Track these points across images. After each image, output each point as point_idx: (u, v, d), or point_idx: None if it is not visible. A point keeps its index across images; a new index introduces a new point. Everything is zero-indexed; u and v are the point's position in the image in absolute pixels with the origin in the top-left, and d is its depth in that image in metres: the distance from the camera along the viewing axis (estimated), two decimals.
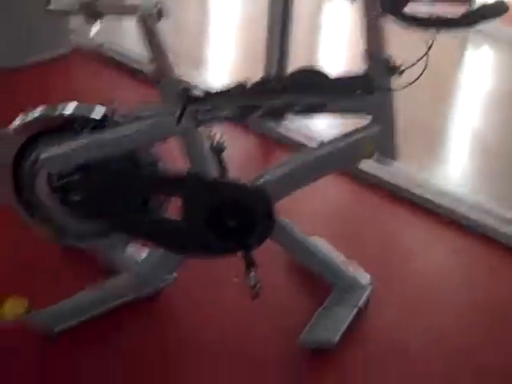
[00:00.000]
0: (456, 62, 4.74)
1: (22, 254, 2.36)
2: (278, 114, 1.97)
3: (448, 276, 2.47)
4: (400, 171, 2.89)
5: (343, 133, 2.00)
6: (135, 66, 3.68)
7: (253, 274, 2.00)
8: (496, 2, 1.63)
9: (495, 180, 3.18)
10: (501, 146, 3.49)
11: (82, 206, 2.00)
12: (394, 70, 1.85)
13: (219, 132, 1.99)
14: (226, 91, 1.91)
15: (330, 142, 2.02)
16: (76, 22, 3.78)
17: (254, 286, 2.00)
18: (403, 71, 1.84)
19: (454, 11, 1.65)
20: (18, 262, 2.34)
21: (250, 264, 2.01)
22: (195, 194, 2.00)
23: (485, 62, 4.90)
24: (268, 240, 2.04)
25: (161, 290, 2.23)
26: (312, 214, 2.71)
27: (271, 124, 3.23)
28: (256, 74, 3.01)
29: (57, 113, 1.96)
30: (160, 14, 1.78)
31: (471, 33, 4.53)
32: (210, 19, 5.36)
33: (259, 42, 3.23)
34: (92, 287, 2.16)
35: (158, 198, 2.07)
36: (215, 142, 1.99)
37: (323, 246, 2.35)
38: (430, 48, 1.77)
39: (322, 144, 2.04)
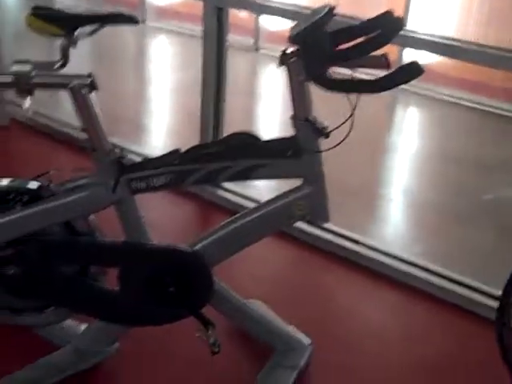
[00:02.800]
0: (385, 120, 4.97)
1: None
2: (212, 180, 2.00)
3: (387, 334, 2.52)
4: (334, 231, 2.98)
5: (276, 195, 2.04)
6: (71, 135, 3.73)
7: (211, 331, 2.00)
8: (411, 64, 1.68)
9: (428, 235, 3.32)
10: (430, 202, 3.66)
11: (17, 280, 1.98)
12: (320, 132, 1.89)
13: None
14: (159, 158, 1.94)
15: (263, 205, 2.06)
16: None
17: (214, 343, 2.00)
18: (329, 133, 1.89)
19: (375, 74, 1.72)
20: None
21: (206, 323, 2.01)
22: (132, 262, 2.01)
23: (412, 120, 5.16)
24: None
25: (102, 362, 2.19)
26: (249, 276, 2.74)
27: (210, 187, 3.30)
28: (193, 139, 3.11)
29: None
30: (92, 86, 1.83)
31: (399, 91, 4.76)
32: (146, 86, 5.51)
33: (195, 107, 3.31)
34: (31, 364, 2.12)
35: (96, 268, 2.06)
36: None
37: (261, 308, 2.39)
38: (354, 110, 1.83)
39: (255, 208, 2.10)
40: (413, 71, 1.71)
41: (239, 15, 4.72)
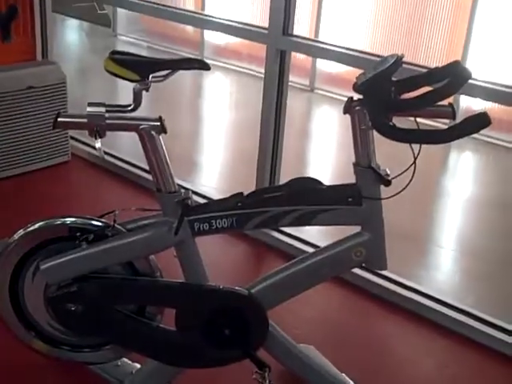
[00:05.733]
0: (440, 165, 4.91)
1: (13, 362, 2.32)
2: (273, 224, 2.00)
3: None
4: (390, 277, 2.94)
5: (334, 241, 2.04)
6: (136, 175, 3.76)
7: (267, 374, 2.00)
8: (478, 115, 1.67)
9: (483, 284, 3.25)
10: (487, 251, 3.59)
11: (78, 317, 2.01)
12: (382, 180, 1.90)
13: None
14: (222, 200, 1.97)
15: (321, 250, 2.07)
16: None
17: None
18: (391, 181, 1.89)
19: (440, 124, 1.72)
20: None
21: (262, 365, 2.01)
22: (189, 303, 2.02)
23: (467, 166, 5.09)
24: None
25: None
26: (302, 321, 2.72)
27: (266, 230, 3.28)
28: (250, 180, 3.12)
29: (58, 223, 2.00)
30: (162, 129, 1.88)
31: None
32: (204, 126, 5.54)
33: (252, 148, 3.33)
34: None
35: (153, 308, 2.08)
36: None
37: (314, 354, 2.36)
38: (416, 159, 1.84)
39: (313, 253, 2.10)
40: (480, 122, 1.69)
41: (296, 56, 4.79)
